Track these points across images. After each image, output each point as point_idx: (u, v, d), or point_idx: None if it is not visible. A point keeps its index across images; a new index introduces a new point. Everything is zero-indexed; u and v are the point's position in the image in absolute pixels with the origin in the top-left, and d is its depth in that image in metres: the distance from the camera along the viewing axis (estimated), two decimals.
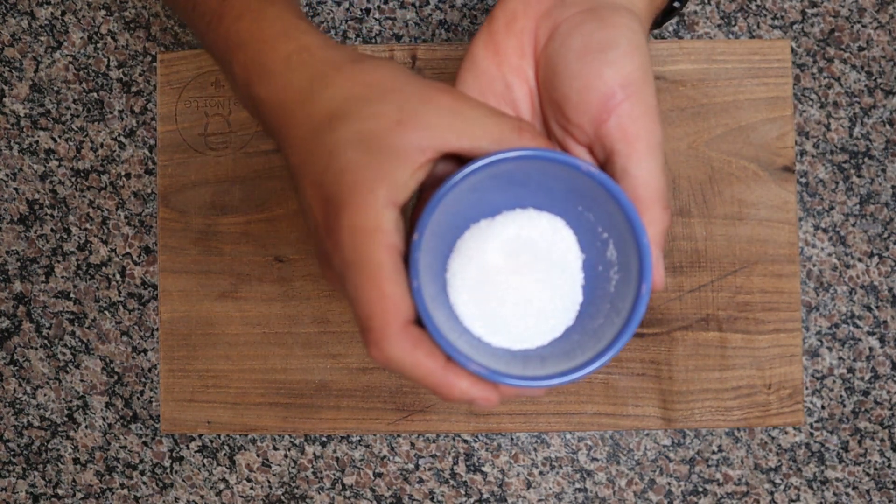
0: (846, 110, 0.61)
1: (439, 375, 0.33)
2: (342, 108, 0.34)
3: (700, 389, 0.60)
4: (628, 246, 0.35)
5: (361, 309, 0.33)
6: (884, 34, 0.61)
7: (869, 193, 0.61)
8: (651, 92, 0.35)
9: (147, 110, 0.62)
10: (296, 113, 0.35)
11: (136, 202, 0.62)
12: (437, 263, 0.37)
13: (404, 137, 0.33)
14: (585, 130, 0.35)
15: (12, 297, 0.62)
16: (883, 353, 0.61)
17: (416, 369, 0.33)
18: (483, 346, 0.37)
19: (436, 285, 0.37)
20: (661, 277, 0.35)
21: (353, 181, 0.33)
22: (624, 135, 0.34)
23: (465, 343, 0.35)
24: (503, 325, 0.37)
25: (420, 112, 0.33)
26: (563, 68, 0.35)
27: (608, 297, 0.37)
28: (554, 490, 0.61)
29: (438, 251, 0.37)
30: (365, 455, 0.61)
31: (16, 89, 0.63)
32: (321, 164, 0.34)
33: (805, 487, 0.61)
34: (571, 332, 0.37)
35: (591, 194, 0.35)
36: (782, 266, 0.60)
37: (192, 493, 0.62)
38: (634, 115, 0.34)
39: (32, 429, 0.62)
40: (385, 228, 0.32)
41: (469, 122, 0.34)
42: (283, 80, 0.35)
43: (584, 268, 0.38)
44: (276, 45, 0.36)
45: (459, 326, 0.37)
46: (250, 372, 0.61)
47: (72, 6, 0.63)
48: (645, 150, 0.34)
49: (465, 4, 0.62)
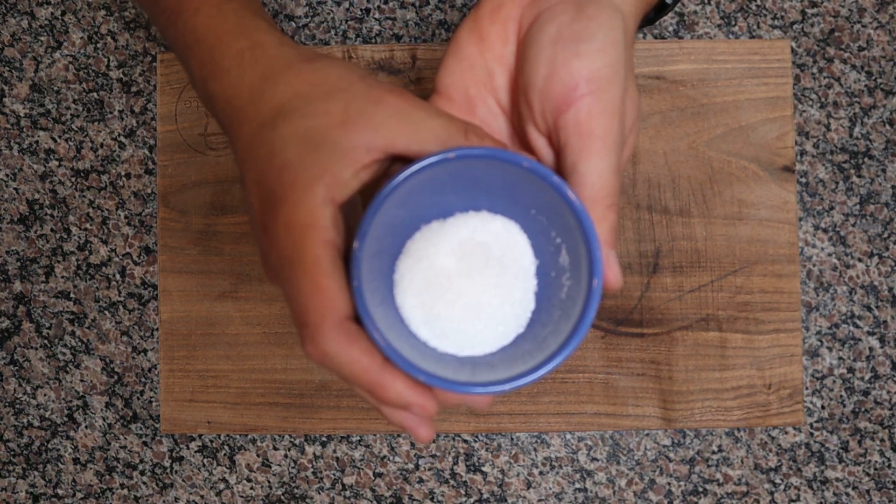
0: (846, 110, 0.61)
1: (374, 374, 0.32)
2: (287, 105, 0.34)
3: (700, 389, 0.60)
4: (580, 248, 0.34)
5: (297, 304, 0.32)
6: (884, 34, 0.61)
7: (869, 193, 0.61)
8: (618, 90, 0.34)
9: (147, 110, 0.62)
10: (245, 110, 0.35)
11: (136, 202, 0.62)
12: (385, 264, 0.36)
13: (349, 137, 0.32)
14: (546, 119, 0.35)
15: (12, 297, 0.62)
16: (883, 353, 0.61)
17: (351, 366, 0.32)
18: (428, 350, 0.35)
19: (382, 286, 0.35)
20: (615, 275, 0.35)
21: (292, 178, 0.32)
22: (578, 130, 0.34)
23: (409, 347, 0.34)
24: (450, 330, 0.35)
25: (367, 112, 0.33)
26: (535, 54, 0.35)
27: (559, 304, 0.35)
28: (554, 490, 0.61)
29: (387, 252, 0.36)
30: (365, 455, 0.61)
31: (16, 89, 0.63)
32: (262, 161, 0.33)
33: (805, 487, 0.61)
34: (521, 340, 0.36)
35: (543, 196, 0.35)
36: (782, 266, 0.60)
37: (192, 493, 0.62)
38: (594, 112, 0.34)
39: (32, 429, 0.62)
40: (322, 224, 0.32)
41: (416, 124, 0.33)
42: (235, 77, 0.35)
43: (537, 274, 0.37)
44: (231, 42, 0.36)
45: (405, 330, 0.35)
46: (250, 372, 0.61)
47: (72, 6, 0.63)
48: (598, 149, 0.34)
49: (465, 4, 0.62)
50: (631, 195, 0.60)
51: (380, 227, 0.34)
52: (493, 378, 0.33)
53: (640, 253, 0.60)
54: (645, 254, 0.60)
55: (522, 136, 0.37)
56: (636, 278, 0.60)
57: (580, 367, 0.60)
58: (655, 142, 0.60)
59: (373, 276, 0.34)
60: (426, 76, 0.61)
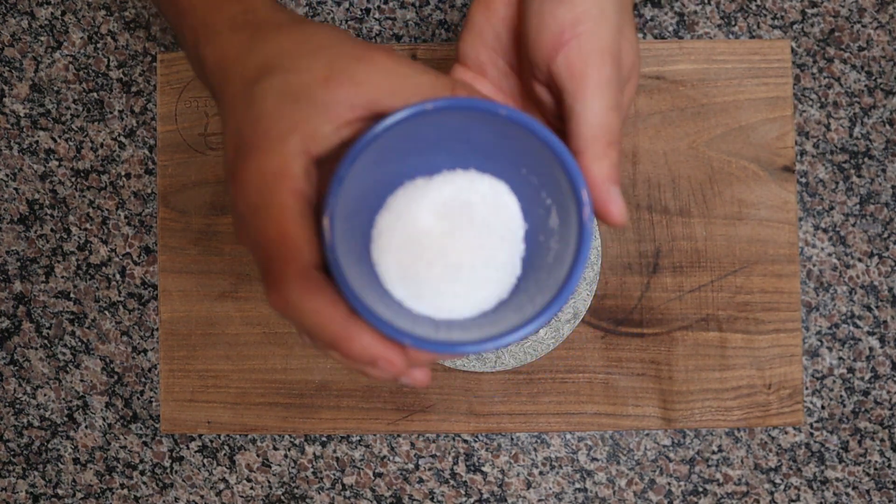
0: (846, 110, 0.61)
1: (340, 325, 0.31)
2: (272, 62, 0.33)
3: (700, 389, 0.60)
4: (569, 204, 0.32)
5: (261, 251, 0.31)
6: (884, 34, 0.61)
7: (869, 193, 0.61)
8: (608, 30, 0.34)
9: (147, 110, 0.62)
10: (233, 69, 0.35)
11: (136, 202, 0.62)
12: (364, 221, 0.35)
13: (331, 92, 0.32)
14: (543, 70, 0.35)
15: (12, 297, 0.62)
16: (883, 353, 0.61)
17: (316, 316, 0.31)
18: (403, 311, 0.34)
19: (359, 244, 0.34)
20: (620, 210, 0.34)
21: (268, 126, 0.32)
22: (571, 73, 0.34)
23: (382, 306, 0.32)
24: (428, 291, 0.34)
25: (351, 69, 0.33)
26: (527, 8, 0.35)
27: (546, 268, 0.34)
28: (554, 490, 0.61)
29: (368, 209, 0.35)
30: (365, 455, 0.61)
31: (16, 89, 0.63)
32: (241, 112, 0.33)
33: (805, 487, 0.61)
34: (504, 307, 0.34)
35: (532, 152, 0.33)
36: (782, 266, 0.60)
37: (192, 493, 0.62)
38: (583, 53, 0.34)
39: (32, 429, 0.62)
40: (293, 173, 0.31)
41: (401, 81, 0.33)
42: (226, 39, 0.35)
43: (526, 239, 0.35)
44: (223, 7, 0.36)
45: (380, 289, 0.34)
46: (250, 372, 0.61)
47: (72, 6, 0.63)
48: (591, 88, 0.34)
49: (465, 4, 0.62)
50: (631, 195, 0.60)
51: (360, 182, 0.33)
52: (468, 338, 0.32)
53: (640, 253, 0.60)
54: (645, 254, 0.60)
55: (531, 93, 0.37)
56: (636, 278, 0.60)
57: (580, 367, 0.60)
58: (655, 142, 0.60)
59: (350, 232, 0.33)
60: None
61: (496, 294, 0.35)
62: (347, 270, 0.31)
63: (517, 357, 0.55)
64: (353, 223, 0.34)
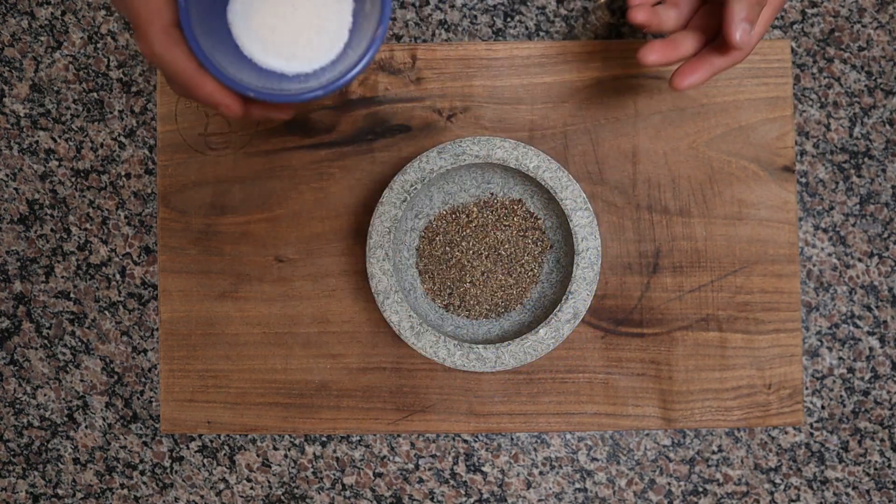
0: (846, 110, 0.61)
1: (191, 74, 0.38)
2: None
3: (700, 389, 0.60)
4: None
5: (132, 12, 0.38)
6: (884, 34, 0.61)
7: (869, 193, 0.61)
8: None
9: (147, 110, 0.62)
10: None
11: (136, 202, 0.62)
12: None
13: None
14: None
15: (12, 297, 0.62)
16: (883, 353, 0.61)
17: (173, 65, 0.38)
18: (252, 66, 0.41)
19: (218, 7, 0.41)
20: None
21: None
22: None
23: (229, 60, 0.40)
24: (277, 43, 0.41)
25: None
26: None
27: (367, 16, 0.40)
28: (554, 490, 0.61)
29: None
30: (365, 455, 0.61)
31: (16, 89, 0.63)
32: None
33: (805, 487, 0.61)
34: (341, 60, 0.41)
35: None
36: (782, 266, 0.60)
37: (192, 493, 0.62)
38: None
39: (32, 429, 0.62)
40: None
41: None
42: None
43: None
44: None
45: (232, 45, 0.41)
46: (250, 372, 0.61)
47: (72, 6, 0.63)
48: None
49: (465, 4, 0.62)
50: (631, 195, 0.60)
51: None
52: (306, 87, 0.39)
53: (640, 253, 0.60)
54: (645, 254, 0.60)
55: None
56: (636, 278, 0.60)
57: (580, 367, 0.60)
58: (655, 142, 0.60)
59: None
60: (426, 76, 0.61)
61: (333, 46, 0.42)
62: (196, 29, 0.38)
63: (517, 357, 0.55)
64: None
